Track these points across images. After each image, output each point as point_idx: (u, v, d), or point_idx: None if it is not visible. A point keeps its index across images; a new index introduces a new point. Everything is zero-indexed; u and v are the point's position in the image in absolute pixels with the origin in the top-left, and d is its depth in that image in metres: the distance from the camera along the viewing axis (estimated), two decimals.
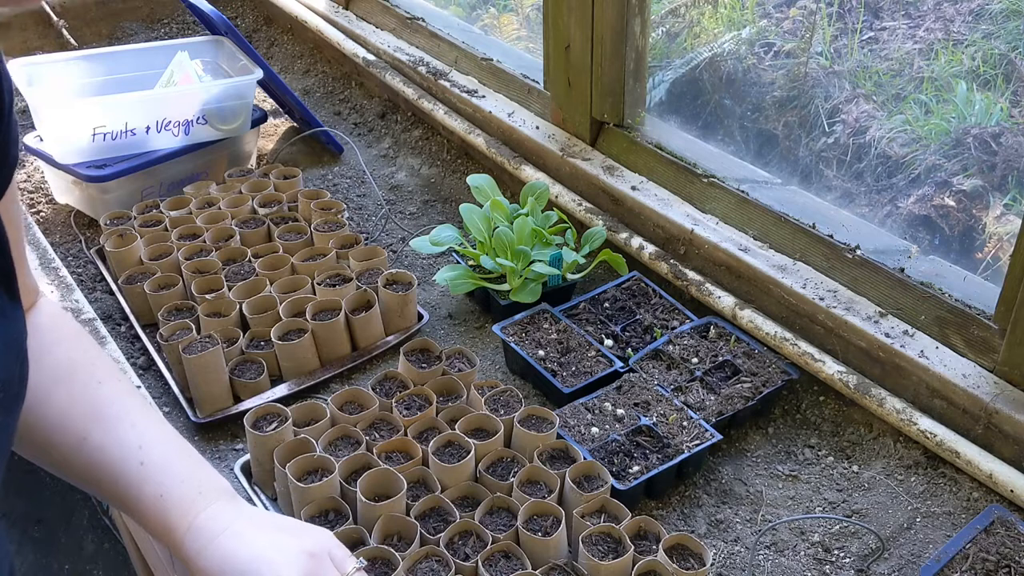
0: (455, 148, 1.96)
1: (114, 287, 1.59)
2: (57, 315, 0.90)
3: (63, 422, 0.84)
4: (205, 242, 1.59)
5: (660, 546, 1.06)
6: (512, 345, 1.38)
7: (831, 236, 1.39)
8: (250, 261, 1.55)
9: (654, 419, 1.26)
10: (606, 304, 1.48)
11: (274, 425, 1.22)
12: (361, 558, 0.95)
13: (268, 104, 2.18)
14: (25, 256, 0.83)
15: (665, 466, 1.20)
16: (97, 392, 0.87)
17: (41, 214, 1.82)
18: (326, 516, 1.12)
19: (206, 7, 1.85)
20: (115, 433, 0.85)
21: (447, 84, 1.92)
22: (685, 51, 2.17)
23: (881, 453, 1.28)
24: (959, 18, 1.88)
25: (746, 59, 2.06)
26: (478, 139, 1.84)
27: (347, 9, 2.29)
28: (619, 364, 1.36)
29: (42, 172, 1.90)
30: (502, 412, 1.24)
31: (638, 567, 1.05)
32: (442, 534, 1.08)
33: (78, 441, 0.84)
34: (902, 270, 1.32)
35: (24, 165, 1.97)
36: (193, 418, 1.34)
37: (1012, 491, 1.15)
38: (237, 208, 1.68)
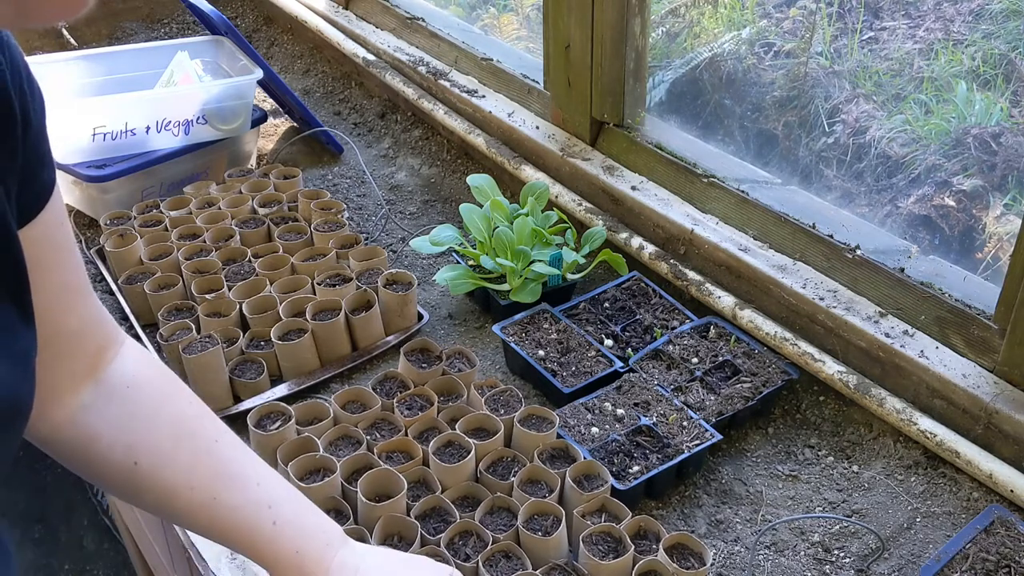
0: (455, 148, 1.96)
1: (114, 287, 1.59)
2: (154, 365, 0.91)
3: (190, 482, 0.87)
4: (205, 242, 1.59)
5: (660, 546, 1.06)
6: (512, 345, 1.38)
7: (831, 236, 1.39)
8: (250, 261, 1.55)
9: (654, 419, 1.26)
10: (606, 304, 1.49)
11: (277, 424, 1.22)
12: None
13: (268, 104, 2.18)
14: (93, 294, 0.82)
15: (665, 466, 1.20)
16: (218, 450, 0.90)
17: None
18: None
19: (206, 7, 1.85)
20: (244, 493, 0.89)
21: (447, 84, 1.92)
22: (685, 51, 2.16)
23: (881, 453, 1.28)
24: (959, 18, 1.88)
25: (746, 59, 2.06)
26: (478, 139, 1.84)
27: (347, 9, 2.29)
28: (619, 364, 1.36)
29: None
30: (502, 412, 1.24)
31: (638, 567, 1.05)
32: (442, 534, 1.08)
33: (208, 501, 0.87)
34: (902, 270, 1.32)
35: None
36: None
37: (1012, 491, 1.15)
38: (237, 208, 1.68)
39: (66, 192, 1.78)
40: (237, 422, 1.33)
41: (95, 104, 1.70)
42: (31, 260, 0.70)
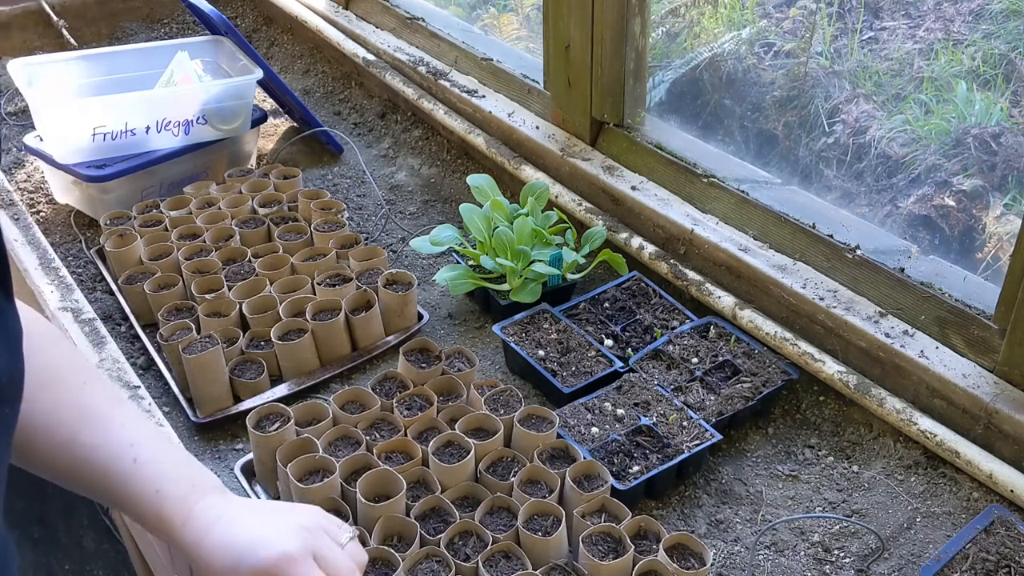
0: (455, 148, 1.96)
1: (114, 287, 1.59)
2: (33, 319, 0.91)
3: (49, 423, 0.86)
4: (205, 242, 1.59)
5: (660, 546, 1.06)
6: (512, 345, 1.38)
7: (831, 236, 1.39)
8: (250, 261, 1.55)
9: (654, 419, 1.26)
10: (606, 304, 1.49)
11: (276, 425, 1.22)
12: (354, 527, 1.01)
13: (268, 104, 2.18)
14: None
15: (665, 466, 1.20)
16: (83, 393, 0.89)
17: (41, 214, 1.82)
18: (326, 518, 1.12)
19: (206, 7, 1.85)
20: (106, 433, 0.88)
21: (447, 84, 1.92)
22: (685, 51, 2.17)
23: (881, 453, 1.28)
24: (959, 18, 1.88)
25: (746, 59, 2.06)
26: (478, 139, 1.84)
27: (347, 9, 2.29)
28: (619, 364, 1.36)
29: (42, 172, 1.90)
30: (502, 412, 1.24)
31: (638, 567, 1.05)
32: (442, 535, 1.08)
33: (67, 441, 0.86)
34: (902, 270, 1.32)
35: (24, 165, 1.97)
36: (193, 418, 1.34)
37: (1012, 491, 1.15)
38: (237, 208, 1.68)
39: (66, 192, 1.78)
40: (237, 422, 1.33)
41: (95, 104, 1.70)
42: None
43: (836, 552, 1.16)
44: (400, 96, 2.04)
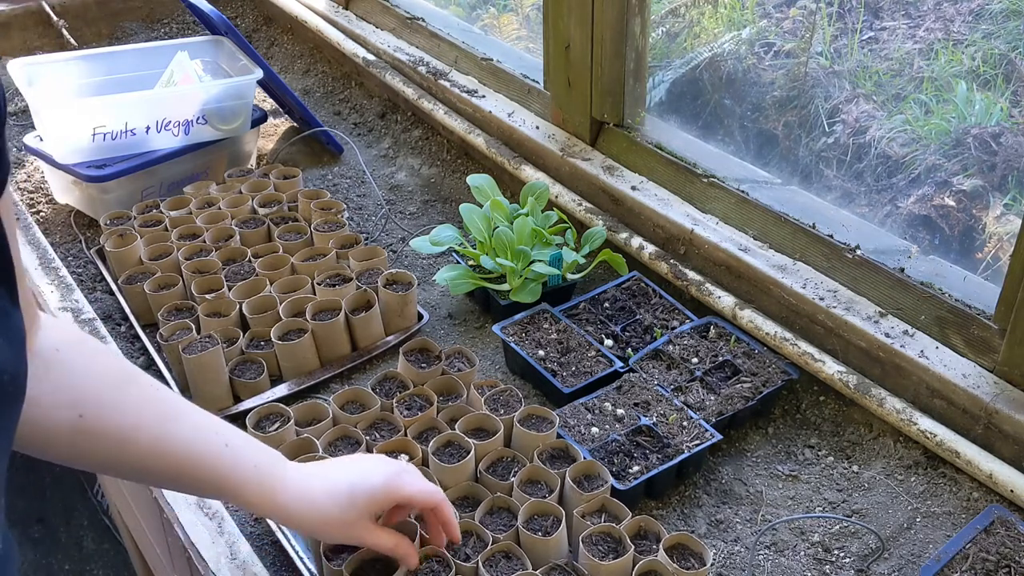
0: (455, 148, 1.96)
1: (114, 287, 1.59)
2: (73, 330, 0.95)
3: (138, 423, 0.90)
4: (205, 242, 1.59)
5: (660, 546, 1.06)
6: (512, 345, 1.38)
7: (831, 236, 1.39)
8: (250, 261, 1.55)
9: (654, 419, 1.26)
10: (606, 304, 1.49)
11: (276, 425, 1.22)
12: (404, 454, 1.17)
13: (268, 104, 2.18)
14: (26, 281, 0.86)
15: (665, 466, 1.20)
16: (157, 391, 0.94)
17: (41, 214, 1.82)
18: None
19: (206, 7, 1.85)
20: (192, 424, 0.93)
21: (447, 84, 1.92)
22: (685, 51, 2.16)
23: (881, 453, 1.28)
24: (959, 18, 1.88)
25: (746, 59, 2.06)
26: (478, 139, 1.84)
27: (347, 9, 2.29)
28: (619, 364, 1.36)
29: (42, 172, 1.90)
30: (502, 412, 1.24)
31: (638, 567, 1.05)
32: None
33: (159, 437, 0.91)
34: (902, 270, 1.32)
35: (24, 165, 1.97)
36: None
37: (1012, 491, 1.15)
38: (237, 208, 1.68)
39: (66, 192, 1.78)
40: (237, 422, 1.33)
41: (95, 104, 1.70)
42: None
43: (836, 552, 1.16)
44: (400, 96, 2.04)
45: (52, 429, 0.85)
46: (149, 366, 1.46)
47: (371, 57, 2.11)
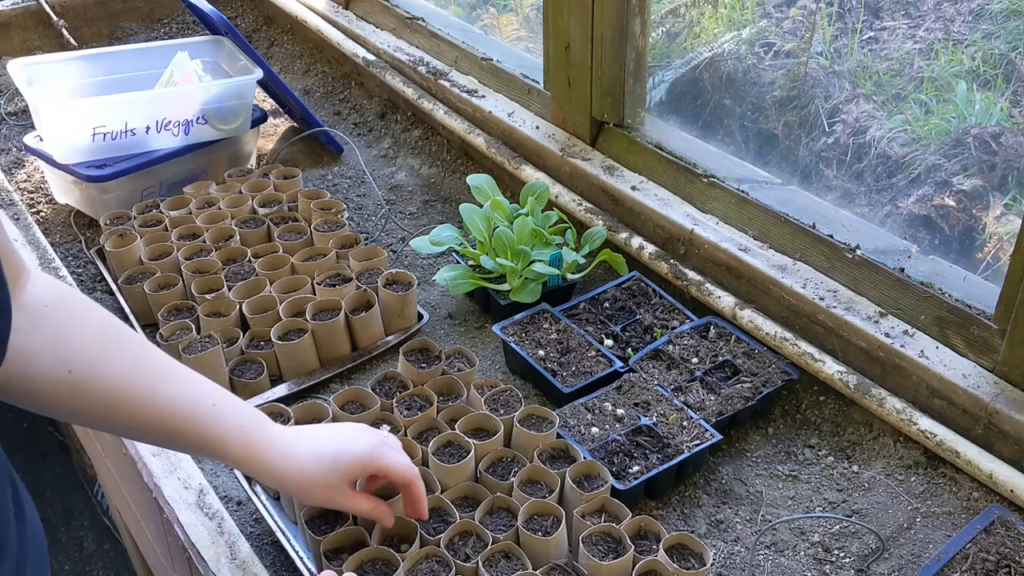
0: (455, 148, 1.96)
1: (114, 287, 1.59)
2: (63, 286, 0.96)
3: (130, 380, 0.91)
4: (205, 242, 1.59)
5: (660, 546, 1.06)
6: (512, 345, 1.38)
7: (831, 236, 1.39)
8: (250, 261, 1.55)
9: (654, 419, 1.26)
10: (606, 304, 1.48)
11: None
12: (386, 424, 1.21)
13: (268, 104, 2.18)
14: (5, 232, 0.87)
15: (665, 466, 1.20)
16: (147, 350, 0.95)
17: (41, 214, 1.82)
18: (326, 517, 1.12)
19: (206, 7, 1.85)
20: (180, 384, 0.95)
21: (447, 84, 1.92)
22: (685, 51, 2.16)
23: (881, 453, 1.28)
24: (959, 18, 1.88)
25: (746, 59, 2.06)
26: (478, 139, 1.84)
27: (347, 9, 2.29)
28: (619, 364, 1.36)
29: (42, 172, 1.90)
30: (502, 412, 1.24)
31: (638, 567, 1.05)
32: (442, 535, 1.08)
33: (149, 393, 0.92)
34: (902, 270, 1.32)
35: (24, 165, 1.97)
36: None
37: (1012, 491, 1.15)
38: (237, 208, 1.68)
39: (66, 192, 1.78)
40: None
41: (95, 104, 1.70)
42: None
43: (836, 552, 1.16)
44: (400, 96, 2.04)
45: (42, 383, 0.87)
46: None
47: (371, 57, 2.11)
